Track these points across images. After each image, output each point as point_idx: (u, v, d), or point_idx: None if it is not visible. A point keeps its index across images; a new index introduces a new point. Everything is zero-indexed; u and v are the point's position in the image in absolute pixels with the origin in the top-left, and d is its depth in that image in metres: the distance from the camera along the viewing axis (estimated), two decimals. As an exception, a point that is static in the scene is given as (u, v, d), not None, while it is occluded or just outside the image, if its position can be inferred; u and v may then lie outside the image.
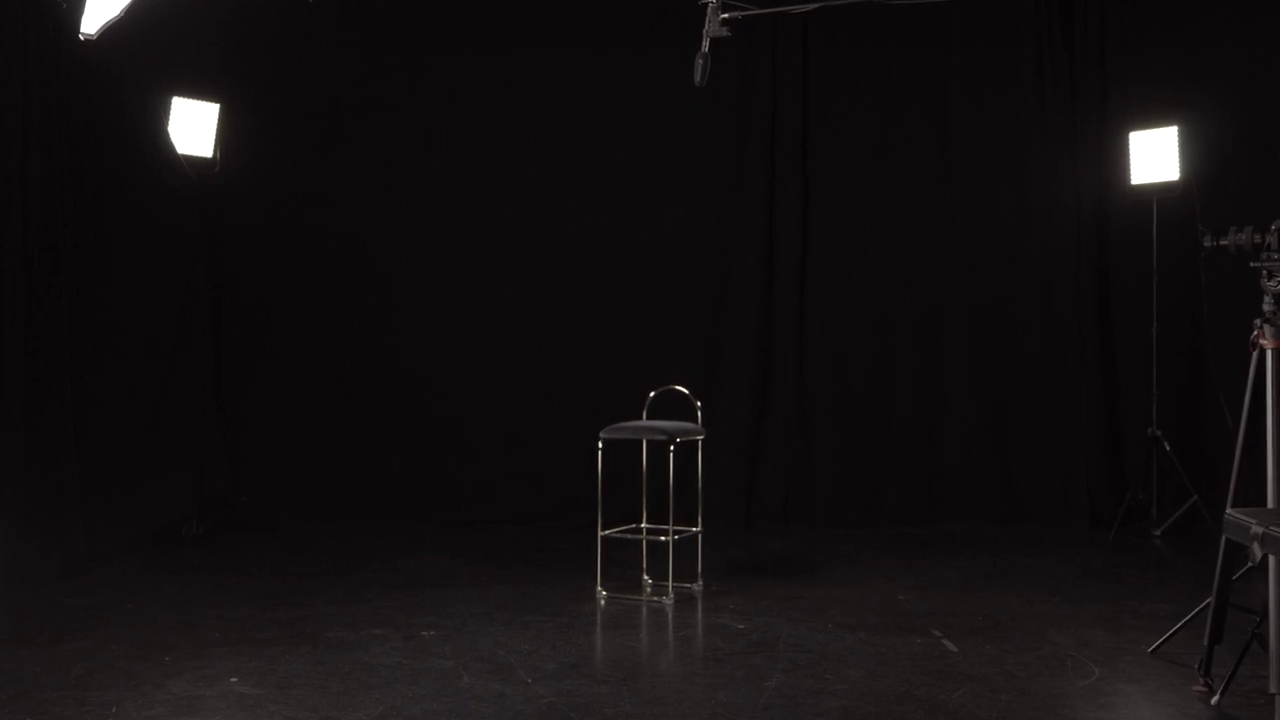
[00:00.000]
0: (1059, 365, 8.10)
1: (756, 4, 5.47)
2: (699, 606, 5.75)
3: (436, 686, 4.36)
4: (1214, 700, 4.14)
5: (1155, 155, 7.65)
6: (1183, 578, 6.35)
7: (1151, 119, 7.73)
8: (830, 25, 8.02)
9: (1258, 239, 4.43)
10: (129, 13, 6.67)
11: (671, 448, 5.80)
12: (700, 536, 6.13)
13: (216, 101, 7.68)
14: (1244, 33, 7.65)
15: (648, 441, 6.10)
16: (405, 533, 7.70)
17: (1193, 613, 4.71)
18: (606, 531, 5.98)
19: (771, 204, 8.24)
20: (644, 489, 6.21)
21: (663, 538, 5.89)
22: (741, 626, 5.29)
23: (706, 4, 5.40)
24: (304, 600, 5.76)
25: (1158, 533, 7.51)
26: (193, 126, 7.59)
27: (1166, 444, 7.52)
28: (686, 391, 6.24)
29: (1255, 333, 4.34)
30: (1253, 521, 3.95)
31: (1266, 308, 4.34)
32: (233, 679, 4.45)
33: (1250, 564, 4.02)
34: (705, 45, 5.39)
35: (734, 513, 7.99)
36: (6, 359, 6.16)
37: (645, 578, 6.06)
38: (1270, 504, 4.28)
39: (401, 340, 8.28)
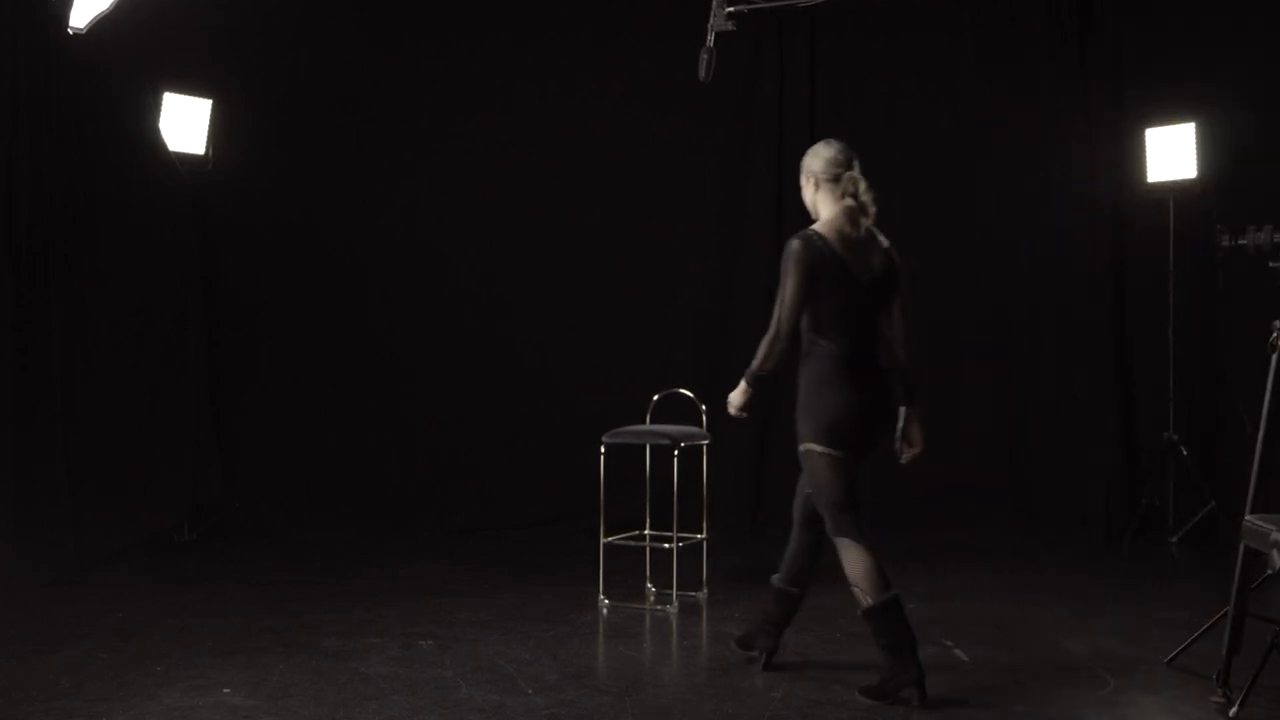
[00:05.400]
0: (1073, 368, 8.02)
1: (762, -3, 5.40)
2: (703, 615, 5.68)
3: (434, 697, 4.31)
4: (1232, 712, 4.07)
5: (1172, 152, 7.54)
6: (1200, 586, 6.27)
7: (1168, 115, 7.62)
8: (838, 18, 7.92)
9: (1277, 238, 4.43)
10: (119, 6, 6.61)
11: (675, 452, 5.70)
12: (705, 543, 6.06)
13: (209, 97, 7.59)
14: (1262, 29, 7.58)
15: (651, 446, 6.01)
16: (403, 539, 7.63)
17: (1210, 622, 4.65)
18: (609, 538, 5.92)
19: (778, 202, 8.16)
20: (647, 494, 6.14)
21: (666, 544, 5.81)
22: (747, 635, 5.20)
23: (711, -2, 5.32)
24: (299, 608, 5.69)
25: (1174, 540, 7.41)
26: (185, 123, 7.51)
27: (1183, 449, 7.41)
28: (691, 395, 6.16)
29: (1274, 335, 4.31)
30: (1272, 528, 3.96)
31: (1286, 309, 4.28)
32: (226, 689, 4.39)
33: (1269, 571, 4.01)
34: (710, 40, 5.34)
35: (739, 518, 7.91)
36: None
37: (649, 585, 5.99)
38: (1289, 510, 4.23)
39: (399, 341, 8.22)
